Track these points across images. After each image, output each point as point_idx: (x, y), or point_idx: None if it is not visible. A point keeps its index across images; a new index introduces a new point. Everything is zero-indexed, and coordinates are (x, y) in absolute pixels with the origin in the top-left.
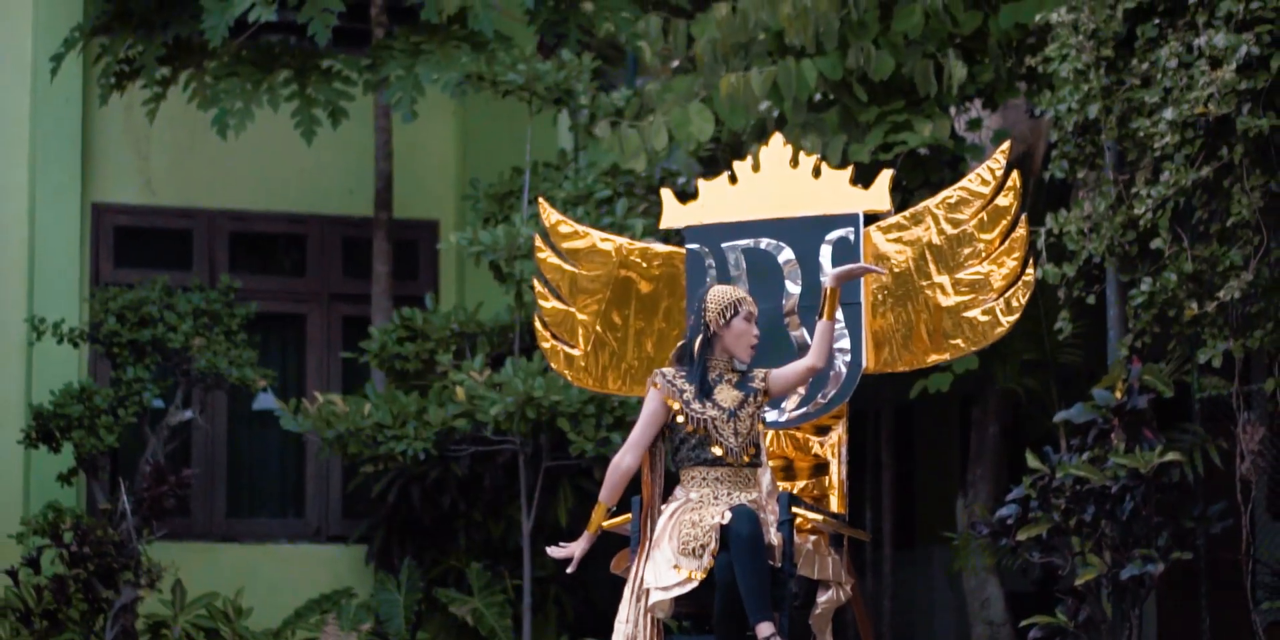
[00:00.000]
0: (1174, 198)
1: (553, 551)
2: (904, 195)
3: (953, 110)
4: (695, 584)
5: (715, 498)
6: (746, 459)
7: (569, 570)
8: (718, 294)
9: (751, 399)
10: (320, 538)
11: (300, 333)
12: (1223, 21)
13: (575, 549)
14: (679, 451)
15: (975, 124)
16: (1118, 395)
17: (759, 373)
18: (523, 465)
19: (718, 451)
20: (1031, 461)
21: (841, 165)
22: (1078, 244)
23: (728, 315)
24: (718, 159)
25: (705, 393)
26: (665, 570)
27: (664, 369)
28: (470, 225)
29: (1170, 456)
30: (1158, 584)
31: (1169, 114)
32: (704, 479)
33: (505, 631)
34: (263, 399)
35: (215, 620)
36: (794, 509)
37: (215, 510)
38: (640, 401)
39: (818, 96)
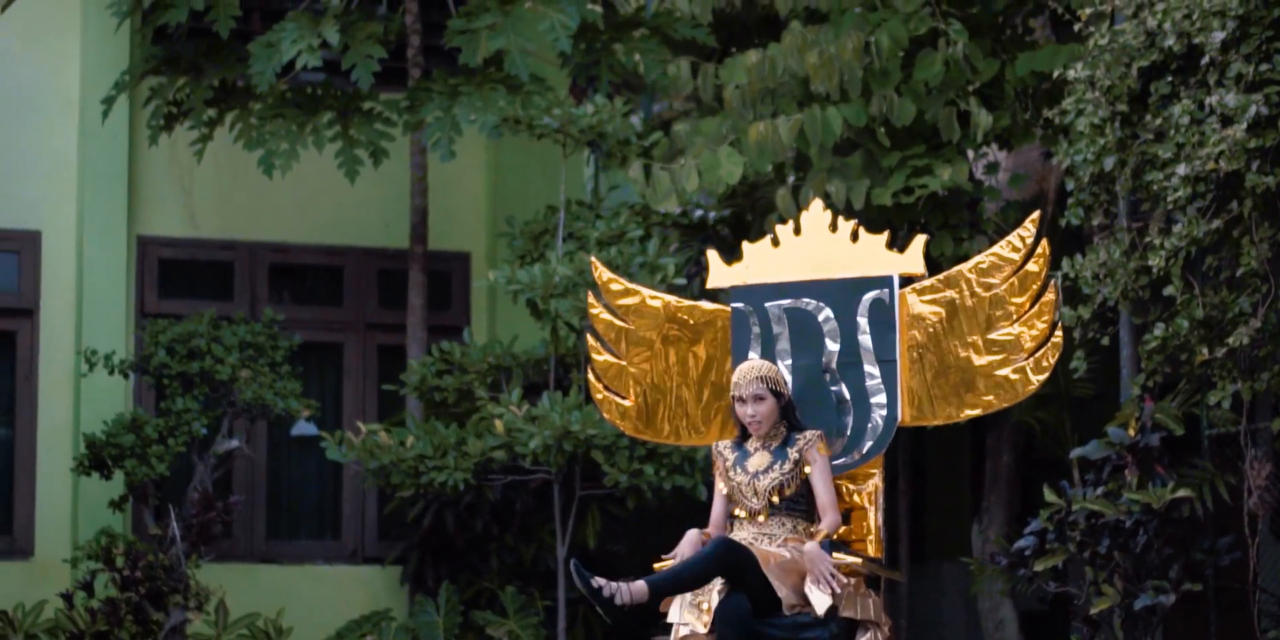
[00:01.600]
0: (1186, 248)
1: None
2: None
3: (970, 154)
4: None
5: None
6: (767, 512)
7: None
8: (733, 376)
9: (778, 466)
10: (356, 559)
11: (337, 361)
12: (1233, 82)
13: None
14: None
15: (993, 168)
16: (1131, 433)
17: (805, 439)
18: (557, 494)
19: (740, 512)
20: (1049, 496)
21: (865, 207)
22: (1093, 288)
23: (734, 399)
24: (738, 196)
25: (741, 460)
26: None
27: (721, 442)
28: (508, 261)
29: (1181, 492)
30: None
31: (1182, 169)
32: (735, 530)
33: None
34: (300, 426)
35: (257, 639)
36: (835, 554)
37: (256, 533)
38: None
39: (841, 141)
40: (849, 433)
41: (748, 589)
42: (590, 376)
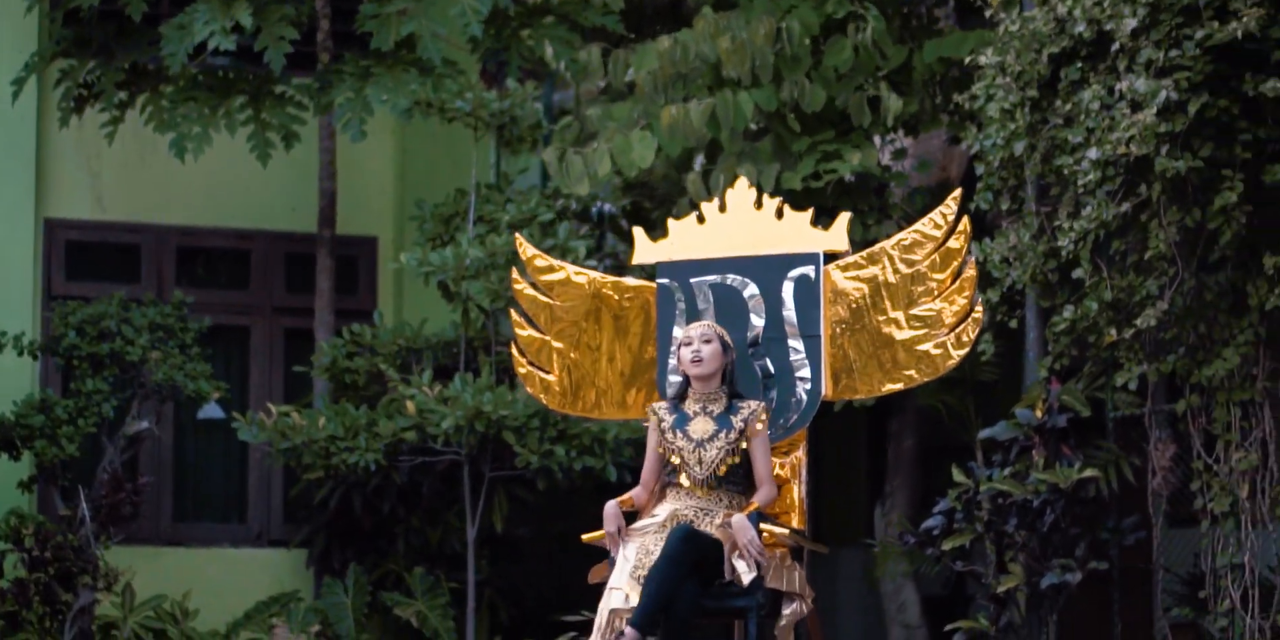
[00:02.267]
0: (1095, 231)
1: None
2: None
3: (877, 140)
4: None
5: (684, 513)
6: (712, 485)
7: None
8: (676, 337)
9: (724, 434)
10: (262, 542)
11: (244, 345)
12: (1143, 67)
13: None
14: (664, 474)
15: (900, 154)
16: (1038, 414)
17: (749, 409)
18: (467, 475)
19: (684, 480)
20: (957, 476)
21: (775, 192)
22: (1001, 271)
23: (680, 345)
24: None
25: (680, 423)
26: (614, 594)
27: (657, 403)
28: (418, 244)
29: (1088, 472)
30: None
31: (1093, 153)
32: (674, 496)
33: (448, 633)
34: (207, 409)
35: (163, 621)
36: (763, 524)
37: (162, 515)
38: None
39: (753, 126)
40: (774, 406)
41: (700, 571)
42: (514, 351)
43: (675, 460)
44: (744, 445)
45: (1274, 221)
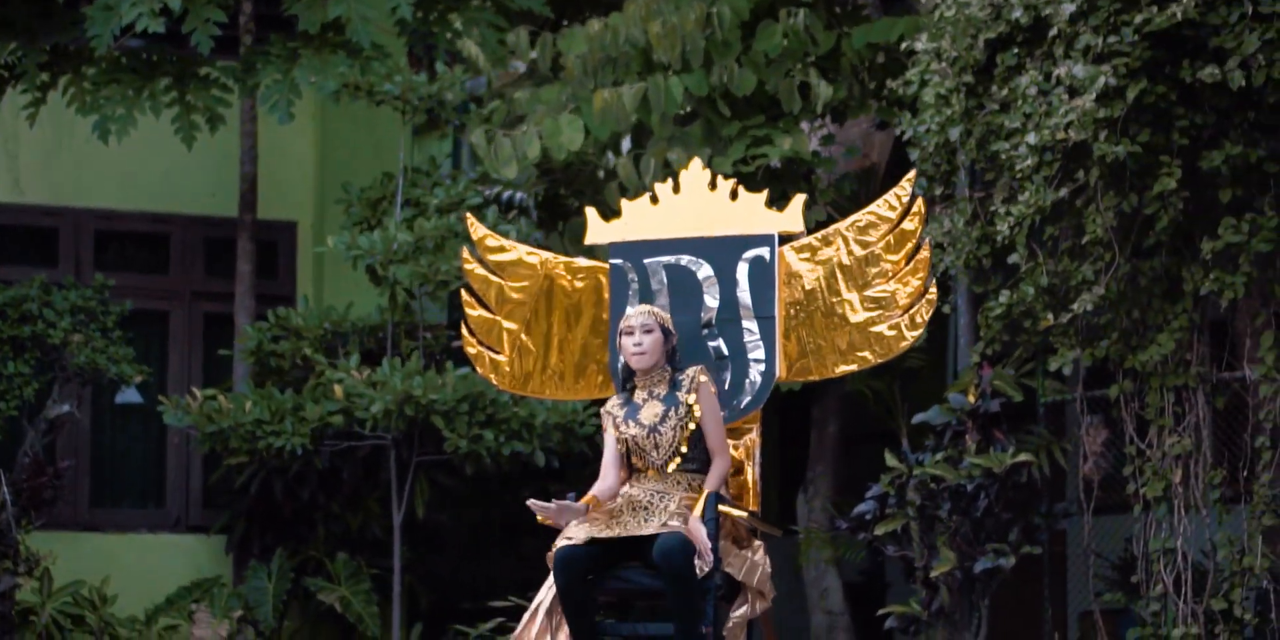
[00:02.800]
0: (1032, 216)
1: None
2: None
3: (806, 125)
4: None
5: (639, 497)
6: (671, 467)
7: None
8: (626, 315)
9: (674, 412)
10: (180, 528)
11: (163, 329)
12: (1081, 53)
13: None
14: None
15: (829, 139)
16: (971, 399)
17: (689, 377)
18: (394, 461)
19: (643, 467)
20: (890, 461)
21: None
22: (935, 257)
23: (621, 333)
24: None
25: (632, 413)
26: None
27: (609, 403)
28: (345, 228)
29: (1022, 457)
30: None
31: (1031, 138)
32: (636, 480)
33: (371, 618)
34: (125, 393)
35: (81, 608)
36: (721, 506)
37: (80, 500)
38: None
39: (682, 111)
40: (727, 388)
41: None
42: (464, 331)
43: (633, 448)
44: (696, 414)
45: (1209, 207)
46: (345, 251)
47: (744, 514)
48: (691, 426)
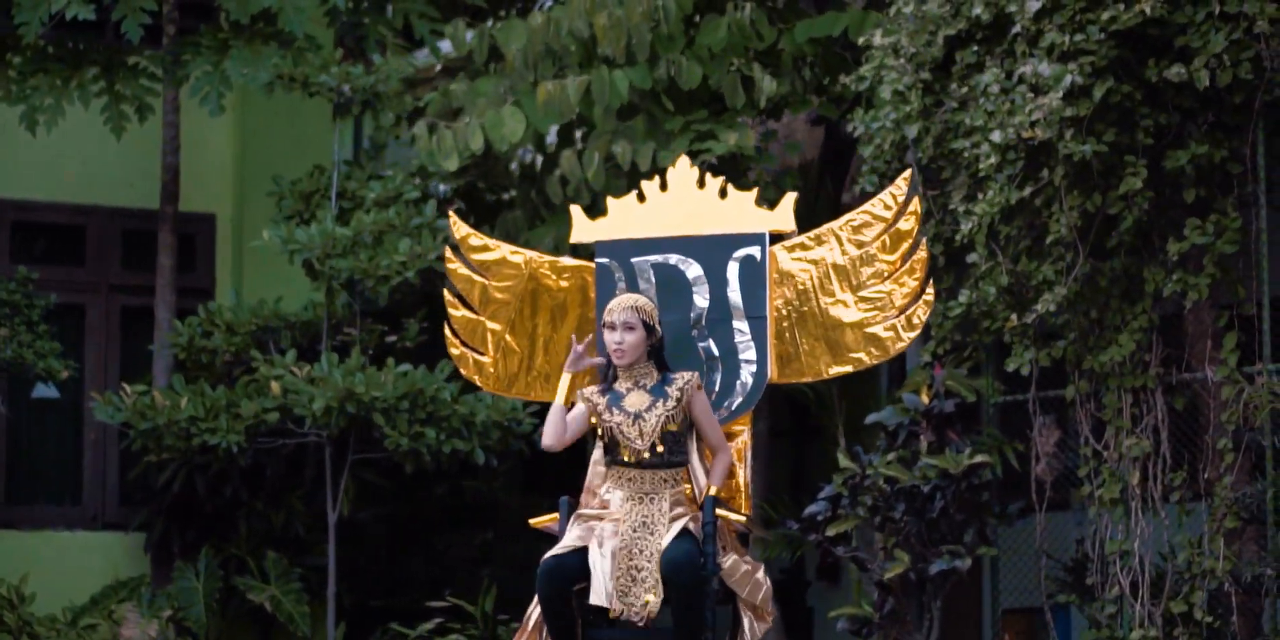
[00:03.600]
0: (994, 215)
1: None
2: None
3: (748, 121)
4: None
5: (626, 501)
6: (651, 458)
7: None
8: (609, 305)
9: (661, 403)
10: (97, 525)
11: (79, 323)
12: (1044, 52)
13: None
14: (605, 456)
15: (770, 135)
16: (924, 399)
17: (684, 379)
18: (329, 458)
19: (625, 456)
20: (843, 461)
21: (651, 171)
22: None
23: (604, 326)
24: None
25: (615, 401)
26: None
27: (586, 389)
28: (277, 222)
29: (979, 458)
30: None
31: (995, 136)
32: (616, 478)
33: (303, 618)
34: (41, 388)
35: None
36: (718, 510)
37: None
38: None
39: (623, 104)
40: (717, 389)
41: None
42: (447, 332)
43: (615, 435)
44: (683, 414)
45: (1170, 208)
46: (281, 245)
47: (742, 518)
48: (675, 425)
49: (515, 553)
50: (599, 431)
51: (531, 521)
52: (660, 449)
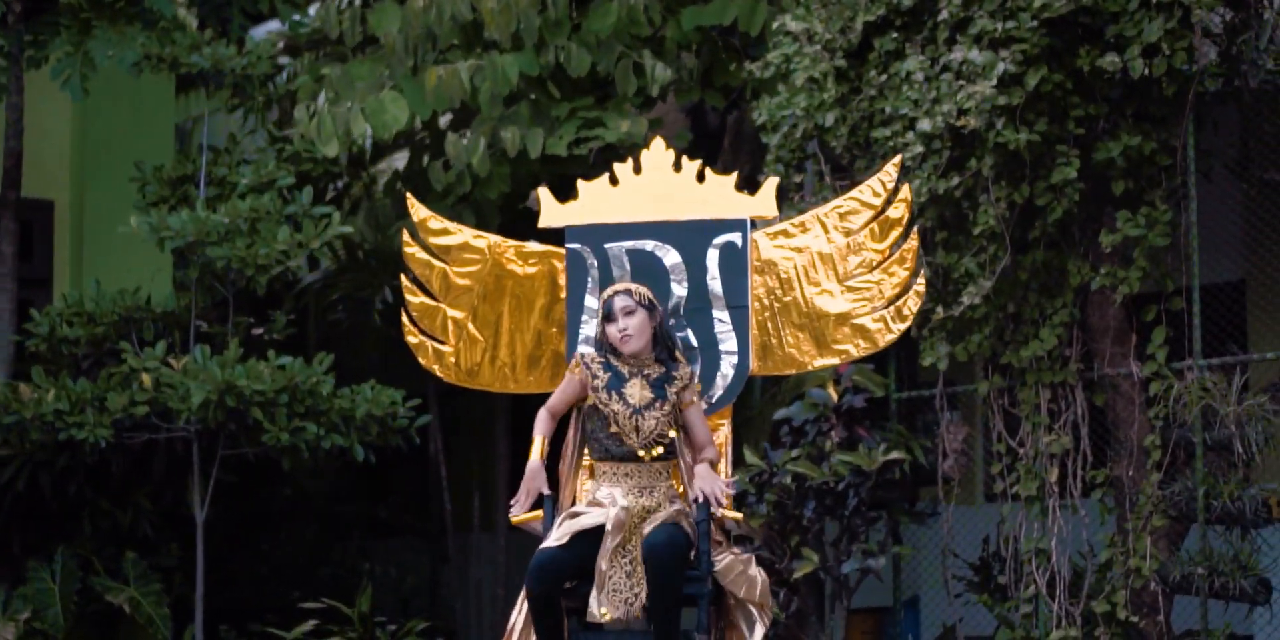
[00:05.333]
0: (917, 206)
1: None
2: None
3: (632, 108)
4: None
5: (627, 495)
6: (649, 457)
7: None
8: (602, 297)
9: (660, 404)
10: None
11: None
12: (971, 39)
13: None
14: (591, 442)
15: (657, 123)
16: (833, 395)
17: (685, 378)
18: (197, 454)
19: (620, 447)
20: (749, 457)
21: (543, 157)
22: None
23: (603, 319)
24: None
25: (615, 385)
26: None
27: (586, 351)
28: (139, 209)
29: (894, 454)
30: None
31: (925, 125)
32: (612, 474)
33: (163, 621)
34: None
35: None
36: (713, 510)
37: None
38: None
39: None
40: (697, 381)
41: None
42: (404, 319)
43: (611, 426)
44: (676, 416)
45: (1095, 200)
46: (150, 233)
47: (738, 515)
48: (672, 431)
49: (350, 552)
50: (594, 411)
51: (513, 519)
52: (657, 450)
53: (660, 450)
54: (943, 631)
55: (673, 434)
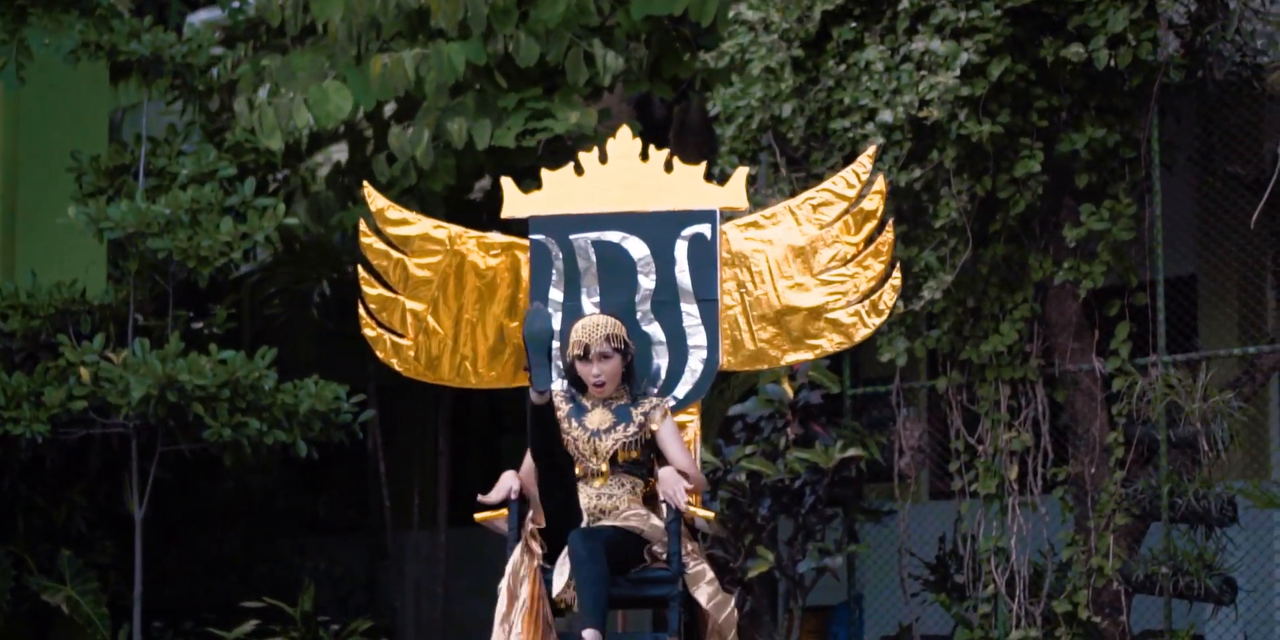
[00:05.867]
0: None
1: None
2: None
3: (579, 99)
4: None
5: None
6: (604, 480)
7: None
8: (572, 332)
9: (622, 427)
10: None
11: None
12: (933, 29)
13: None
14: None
15: (605, 114)
16: (789, 391)
17: (651, 404)
18: (136, 450)
19: (579, 471)
20: (704, 454)
21: (490, 149)
22: None
23: (573, 356)
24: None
25: (577, 413)
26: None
27: (556, 396)
28: (76, 199)
29: (852, 451)
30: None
31: (886, 116)
32: (584, 497)
33: (102, 620)
34: None
35: None
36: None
37: None
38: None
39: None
40: (664, 377)
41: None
42: (361, 311)
43: (570, 450)
44: (647, 437)
45: (1057, 192)
46: (88, 224)
47: (710, 514)
48: (635, 452)
49: (285, 550)
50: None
51: (477, 516)
52: (619, 461)
53: (619, 472)
54: (899, 631)
55: (635, 455)
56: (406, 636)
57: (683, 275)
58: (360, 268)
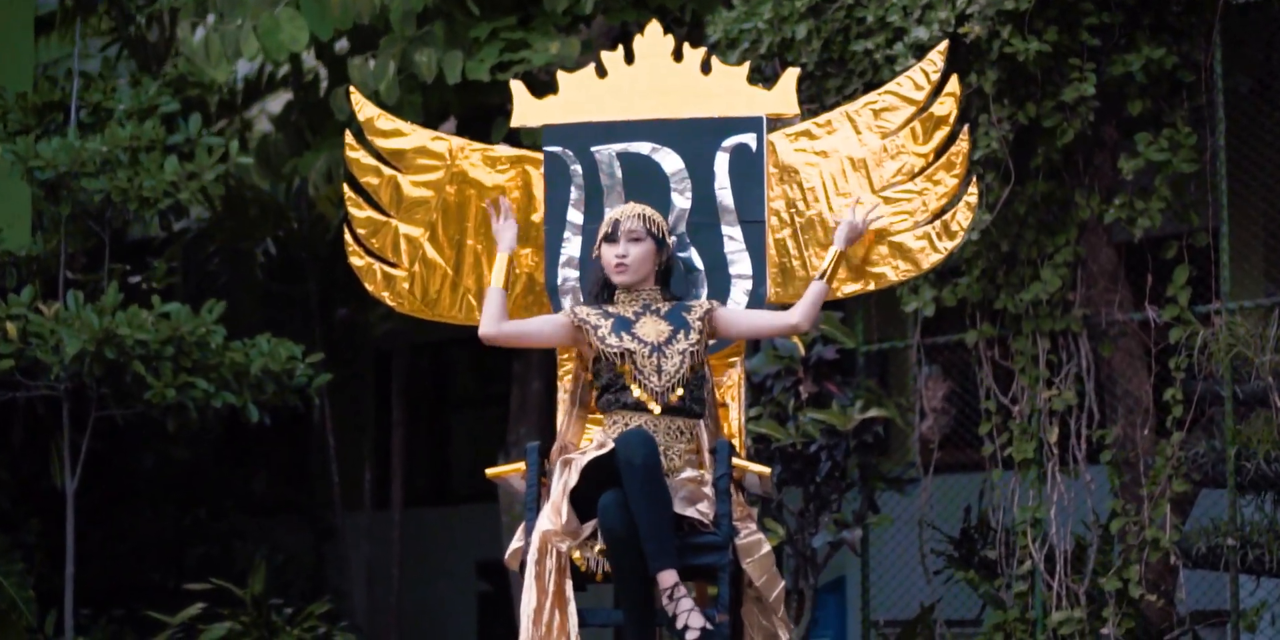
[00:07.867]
0: None
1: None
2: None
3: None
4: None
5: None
6: (674, 401)
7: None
8: (610, 213)
9: (684, 335)
10: None
11: None
12: None
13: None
14: (600, 397)
15: (589, 46)
16: (800, 347)
17: (700, 305)
18: (67, 415)
19: (636, 392)
20: None
21: (461, 82)
22: None
23: (602, 237)
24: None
25: (623, 326)
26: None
27: (577, 308)
28: (1, 139)
29: (874, 412)
30: None
31: (920, 33)
32: (626, 424)
33: (28, 604)
34: None
35: None
36: (736, 461)
37: None
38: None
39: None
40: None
41: None
42: (348, 236)
43: (626, 369)
44: (705, 351)
45: (1104, 122)
46: (14, 163)
47: (765, 470)
48: (702, 360)
49: (220, 530)
50: (600, 361)
51: (489, 472)
52: (680, 393)
53: (682, 392)
54: (919, 613)
55: (701, 369)
56: (358, 623)
57: (724, 193)
58: (346, 186)
